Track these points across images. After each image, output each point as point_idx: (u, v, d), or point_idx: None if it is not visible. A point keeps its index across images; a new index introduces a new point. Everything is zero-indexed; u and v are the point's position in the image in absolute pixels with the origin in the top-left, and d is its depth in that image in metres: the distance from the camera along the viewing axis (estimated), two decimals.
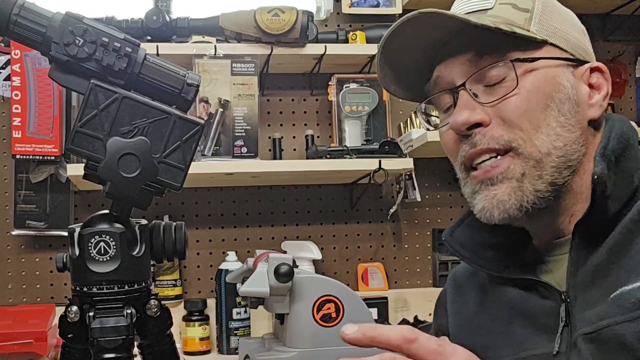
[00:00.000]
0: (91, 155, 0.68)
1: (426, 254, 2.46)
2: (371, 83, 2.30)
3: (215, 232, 2.32)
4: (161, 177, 0.69)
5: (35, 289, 2.20)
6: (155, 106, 0.70)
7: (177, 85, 0.71)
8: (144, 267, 0.71)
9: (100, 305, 0.68)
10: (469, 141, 0.91)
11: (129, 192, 0.67)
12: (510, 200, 0.88)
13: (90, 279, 0.68)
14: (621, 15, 2.51)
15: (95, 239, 0.68)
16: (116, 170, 0.66)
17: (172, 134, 0.70)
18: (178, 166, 0.70)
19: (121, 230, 0.68)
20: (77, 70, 0.69)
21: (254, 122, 2.12)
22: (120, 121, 0.68)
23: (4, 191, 2.19)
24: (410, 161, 2.13)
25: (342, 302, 1.69)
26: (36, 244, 2.20)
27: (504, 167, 0.89)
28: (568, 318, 0.87)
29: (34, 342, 1.86)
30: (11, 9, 0.68)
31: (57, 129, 2.05)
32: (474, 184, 0.93)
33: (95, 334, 0.67)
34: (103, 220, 0.69)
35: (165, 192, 0.71)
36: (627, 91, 2.57)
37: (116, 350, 0.66)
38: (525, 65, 0.90)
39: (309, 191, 2.40)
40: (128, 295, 0.69)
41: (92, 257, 0.68)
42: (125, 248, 0.68)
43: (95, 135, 0.68)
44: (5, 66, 2.18)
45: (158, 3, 2.07)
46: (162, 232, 0.72)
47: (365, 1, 2.37)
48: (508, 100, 0.89)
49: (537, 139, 0.88)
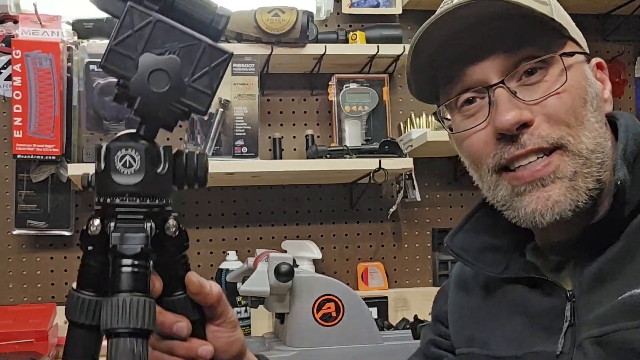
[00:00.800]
0: (123, 74, 0.70)
1: (426, 254, 2.46)
2: (371, 83, 2.31)
3: (216, 232, 2.33)
4: (188, 101, 0.71)
5: (36, 289, 2.21)
6: (187, 32, 0.71)
7: (209, 15, 0.73)
8: (165, 185, 0.72)
9: (121, 216, 0.69)
10: (514, 142, 0.85)
11: (158, 107, 0.69)
12: (566, 201, 0.84)
13: (114, 190, 0.69)
14: (620, 15, 2.51)
15: (121, 152, 0.69)
16: (146, 85, 0.67)
17: (201, 60, 0.71)
18: (204, 91, 0.72)
19: (147, 145, 0.70)
20: None
21: (254, 122, 2.12)
22: (152, 43, 0.70)
23: (5, 191, 2.19)
24: (410, 161, 2.14)
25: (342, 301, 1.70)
26: (37, 244, 2.21)
27: (555, 165, 0.84)
28: (573, 318, 0.85)
29: (35, 342, 1.87)
30: None
31: (58, 128, 2.05)
32: (515, 186, 0.87)
33: (115, 240, 0.68)
34: (130, 137, 0.71)
35: (189, 117, 0.73)
36: (627, 91, 2.57)
37: (135, 257, 0.68)
38: (568, 59, 0.86)
39: (309, 191, 2.40)
40: (148, 210, 0.70)
41: (117, 170, 0.69)
42: (150, 163, 0.70)
43: (128, 54, 0.70)
44: (6, 66, 2.18)
45: None
46: (185, 158, 0.74)
47: (365, 1, 2.37)
48: (555, 96, 0.85)
49: (583, 136, 0.85)
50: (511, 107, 0.85)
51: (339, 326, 1.69)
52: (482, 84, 0.88)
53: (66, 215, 2.19)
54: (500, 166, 0.88)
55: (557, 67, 0.86)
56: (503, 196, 0.89)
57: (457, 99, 0.91)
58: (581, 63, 0.89)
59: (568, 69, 0.86)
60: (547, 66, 0.86)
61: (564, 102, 0.85)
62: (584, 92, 0.87)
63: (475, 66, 0.88)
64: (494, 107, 0.86)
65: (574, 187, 0.84)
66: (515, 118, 0.84)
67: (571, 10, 0.96)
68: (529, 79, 0.86)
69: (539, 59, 0.86)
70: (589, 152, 0.85)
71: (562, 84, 0.85)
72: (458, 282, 1.08)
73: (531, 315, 0.91)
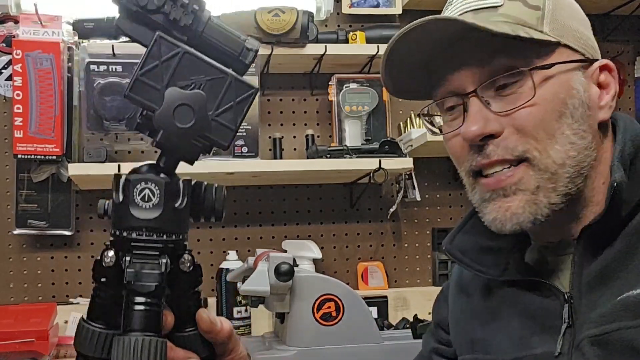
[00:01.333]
0: (147, 104, 0.69)
1: (426, 253, 2.47)
2: (371, 83, 2.31)
3: (216, 231, 2.33)
4: (211, 135, 0.70)
5: (36, 288, 2.21)
6: (214, 65, 0.71)
7: (237, 48, 0.73)
8: (183, 220, 0.72)
9: (137, 251, 0.69)
10: (480, 151, 0.87)
11: (181, 142, 0.68)
12: (524, 214, 0.85)
13: (131, 224, 0.69)
14: (620, 16, 2.51)
15: (140, 185, 0.69)
16: (171, 119, 0.67)
17: (227, 94, 0.71)
18: (228, 126, 0.71)
19: (166, 180, 0.70)
20: (144, 21, 0.70)
21: (255, 121, 2.12)
22: (179, 75, 0.70)
23: (6, 190, 2.20)
24: (410, 161, 2.14)
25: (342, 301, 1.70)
26: (37, 243, 2.21)
27: (518, 177, 0.85)
28: (571, 319, 0.86)
29: (36, 341, 1.87)
30: None
31: (59, 128, 2.05)
32: (483, 192, 0.89)
33: (129, 277, 0.67)
34: (150, 169, 0.71)
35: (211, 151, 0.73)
36: (626, 91, 2.58)
37: (148, 295, 0.67)
38: (542, 72, 0.85)
39: (309, 190, 2.41)
40: (165, 245, 0.70)
41: (136, 203, 0.69)
42: (169, 198, 0.69)
43: (153, 85, 0.69)
44: (7, 66, 2.19)
45: None
46: (204, 191, 0.73)
47: (365, 1, 2.37)
48: (524, 109, 0.85)
49: (552, 150, 0.84)
50: (477, 119, 0.86)
51: (339, 326, 1.70)
52: (460, 91, 0.89)
53: (67, 215, 2.19)
54: (474, 172, 0.90)
55: (529, 81, 0.85)
56: (477, 199, 0.91)
57: (442, 102, 0.93)
58: (566, 72, 0.87)
59: (542, 82, 0.85)
60: (522, 77, 0.86)
61: (533, 115, 0.85)
62: (560, 104, 0.85)
63: (454, 74, 0.89)
64: (466, 115, 0.88)
65: (534, 201, 0.85)
66: (478, 130, 0.86)
67: None
68: (504, 90, 0.87)
69: (510, 73, 0.86)
70: (556, 166, 0.85)
71: (530, 97, 0.85)
72: (457, 285, 1.08)
73: (531, 317, 0.91)
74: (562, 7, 0.90)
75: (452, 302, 1.08)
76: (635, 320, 0.78)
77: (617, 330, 0.79)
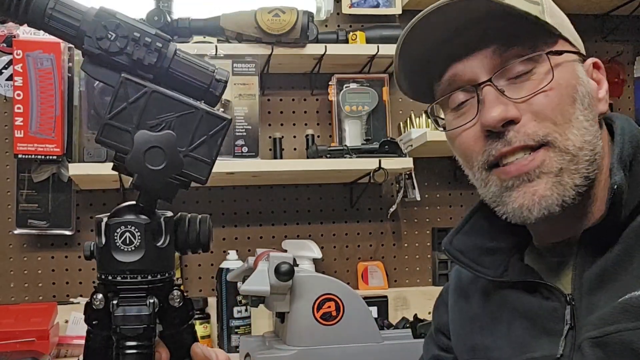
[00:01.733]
0: (119, 147, 0.69)
1: (426, 253, 2.47)
2: (371, 83, 2.31)
3: (216, 231, 2.33)
4: (187, 171, 0.70)
5: (37, 288, 2.21)
6: (183, 100, 0.70)
7: (206, 80, 0.72)
8: (167, 258, 0.72)
9: (123, 294, 0.69)
10: (500, 139, 0.86)
11: (155, 184, 0.68)
12: (552, 196, 0.84)
13: (115, 268, 0.69)
14: (619, 16, 2.52)
15: (121, 229, 0.69)
16: (142, 163, 0.67)
17: (199, 129, 0.70)
18: (204, 160, 0.71)
19: (146, 221, 0.69)
20: (109, 63, 0.70)
21: (255, 121, 2.13)
22: (148, 114, 0.69)
23: (6, 190, 2.20)
24: (410, 160, 2.14)
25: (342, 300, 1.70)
26: (38, 243, 2.21)
27: (540, 160, 0.85)
28: (573, 321, 0.86)
29: (36, 341, 1.87)
30: (47, 3, 0.70)
31: (59, 128, 2.06)
32: (504, 181, 0.88)
33: (117, 321, 0.68)
34: (129, 211, 0.70)
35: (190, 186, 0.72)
36: (626, 91, 2.58)
37: (137, 338, 0.67)
38: (556, 58, 0.87)
39: (310, 190, 2.41)
40: (151, 285, 0.70)
41: (118, 247, 0.69)
42: (150, 239, 0.69)
43: (124, 127, 0.69)
44: (8, 66, 2.19)
45: (159, 3, 2.09)
46: (187, 225, 0.74)
47: (365, 1, 2.38)
48: (542, 94, 0.86)
49: (570, 133, 0.85)
50: (497, 104, 0.86)
51: (339, 325, 1.70)
52: (471, 82, 0.89)
53: (67, 214, 2.19)
54: (490, 164, 0.89)
55: (544, 66, 0.87)
56: (493, 192, 0.90)
57: (449, 98, 0.93)
58: (572, 62, 0.89)
59: (555, 67, 0.86)
60: (535, 64, 0.87)
61: (550, 99, 0.85)
62: (572, 90, 0.87)
63: (465, 65, 0.89)
64: (482, 105, 0.88)
65: (560, 182, 0.85)
66: (500, 115, 0.85)
67: (571, 11, 0.97)
68: (518, 78, 0.87)
69: (526, 57, 0.86)
70: (576, 149, 0.85)
71: (548, 81, 0.86)
72: (456, 288, 1.08)
73: (532, 320, 0.91)
74: (555, 6, 0.92)
75: (452, 306, 1.08)
76: (635, 323, 0.78)
77: (617, 332, 0.79)
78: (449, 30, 0.89)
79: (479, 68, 0.88)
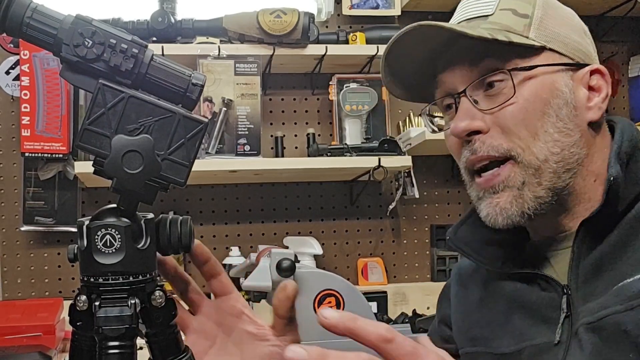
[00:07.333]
0: (99, 152, 0.69)
1: (424, 249, 2.50)
2: (371, 83, 2.33)
3: (219, 228, 2.36)
4: (165, 173, 0.71)
5: (43, 284, 2.25)
6: (160, 105, 0.71)
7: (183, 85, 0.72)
8: (148, 259, 0.72)
9: (105, 295, 0.69)
10: (469, 147, 0.93)
11: (134, 187, 0.68)
12: (512, 208, 0.90)
13: (96, 269, 0.69)
14: (614, 17, 2.53)
15: (101, 231, 0.69)
16: (120, 167, 0.67)
17: (177, 132, 0.71)
18: (182, 163, 0.71)
19: (126, 223, 0.70)
20: (86, 70, 0.71)
21: (257, 120, 2.15)
22: (126, 119, 0.70)
23: (13, 188, 2.23)
24: (409, 159, 2.17)
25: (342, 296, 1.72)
26: (44, 240, 2.25)
27: (505, 175, 0.91)
28: (569, 309, 0.89)
29: (43, 335, 1.90)
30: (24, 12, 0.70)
31: (65, 127, 2.09)
32: (477, 191, 0.95)
33: (99, 322, 0.68)
34: (110, 214, 0.71)
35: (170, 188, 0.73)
36: (620, 91, 2.61)
37: (119, 338, 0.68)
38: (523, 73, 0.91)
39: (310, 188, 2.44)
40: (132, 286, 0.70)
41: (99, 249, 0.69)
42: (130, 241, 0.70)
43: (102, 132, 0.70)
44: (15, 66, 2.22)
45: (163, 5, 2.11)
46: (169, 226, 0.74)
47: (365, 3, 2.40)
48: (506, 108, 0.90)
49: (534, 147, 0.89)
50: (464, 116, 0.92)
51: None
52: (452, 91, 0.95)
53: (73, 211, 2.22)
54: (469, 170, 0.96)
55: (510, 80, 0.91)
56: (473, 197, 0.97)
57: (442, 101, 0.99)
58: (550, 74, 0.92)
59: (523, 81, 0.90)
60: (507, 78, 0.91)
61: (514, 114, 0.90)
62: (543, 103, 0.90)
63: (447, 76, 0.96)
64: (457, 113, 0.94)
65: (521, 196, 0.90)
66: (466, 126, 0.91)
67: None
68: (491, 90, 0.92)
69: (494, 73, 0.91)
70: (539, 162, 0.90)
71: (510, 96, 0.90)
72: (458, 281, 1.11)
73: (530, 310, 0.94)
74: (553, 16, 0.95)
75: (454, 297, 1.11)
76: (624, 304, 0.81)
77: (609, 315, 0.82)
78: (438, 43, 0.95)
79: (457, 79, 0.94)
